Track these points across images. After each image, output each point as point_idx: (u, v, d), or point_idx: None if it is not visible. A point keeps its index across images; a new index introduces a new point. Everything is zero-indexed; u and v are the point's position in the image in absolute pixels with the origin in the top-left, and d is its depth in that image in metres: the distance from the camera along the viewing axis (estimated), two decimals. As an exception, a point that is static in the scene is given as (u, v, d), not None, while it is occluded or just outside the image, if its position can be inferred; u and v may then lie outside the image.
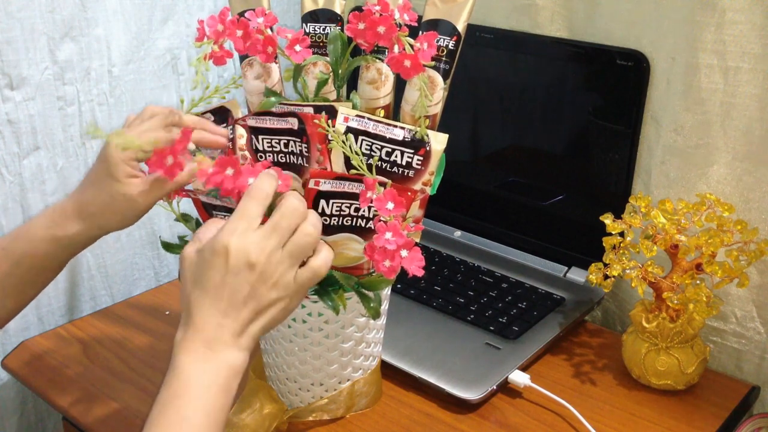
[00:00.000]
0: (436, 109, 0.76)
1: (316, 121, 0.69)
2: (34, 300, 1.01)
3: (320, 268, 0.62)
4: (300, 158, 0.74)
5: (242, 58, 0.78)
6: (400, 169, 0.72)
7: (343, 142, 0.67)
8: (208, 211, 0.71)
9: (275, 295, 0.60)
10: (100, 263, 1.08)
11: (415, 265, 0.63)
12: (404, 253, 0.62)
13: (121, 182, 0.70)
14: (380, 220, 0.63)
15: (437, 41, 0.73)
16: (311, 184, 0.67)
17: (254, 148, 0.75)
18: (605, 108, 1.00)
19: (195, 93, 0.72)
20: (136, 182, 0.70)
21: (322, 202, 0.68)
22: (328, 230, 0.69)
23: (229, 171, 0.62)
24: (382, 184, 0.65)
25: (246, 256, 0.58)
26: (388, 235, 0.62)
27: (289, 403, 0.82)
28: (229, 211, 0.69)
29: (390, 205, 0.63)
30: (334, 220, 0.69)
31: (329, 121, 0.68)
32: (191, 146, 0.72)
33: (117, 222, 0.72)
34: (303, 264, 0.62)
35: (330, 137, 0.69)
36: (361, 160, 0.66)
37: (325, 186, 0.67)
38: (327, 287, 0.74)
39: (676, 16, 0.90)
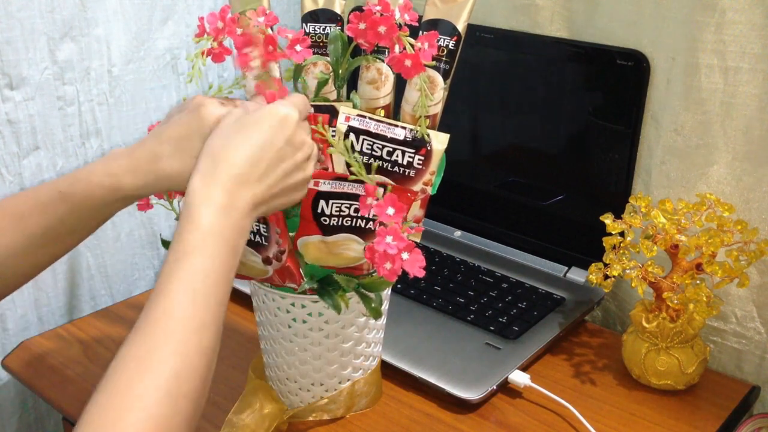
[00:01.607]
0: (437, 109, 0.76)
1: (314, 126, 0.69)
2: (33, 299, 1.02)
3: (305, 178, 0.65)
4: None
5: (242, 57, 0.78)
6: (401, 169, 0.72)
7: (345, 148, 0.67)
8: None
9: (293, 183, 0.63)
10: (100, 263, 1.08)
11: (416, 267, 0.63)
12: (405, 255, 0.62)
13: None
14: (381, 224, 0.63)
15: (437, 41, 0.73)
16: (311, 185, 0.67)
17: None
18: (605, 108, 1.00)
19: (194, 92, 0.72)
20: None
21: (322, 203, 0.68)
22: (328, 230, 0.70)
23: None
24: (382, 185, 0.65)
25: (303, 137, 0.62)
26: (389, 239, 0.62)
27: (289, 403, 0.82)
28: None
29: (390, 211, 0.63)
30: (334, 220, 0.69)
31: (325, 126, 0.68)
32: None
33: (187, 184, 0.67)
34: None
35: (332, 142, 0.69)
36: (361, 167, 0.66)
37: (325, 186, 0.67)
38: (327, 287, 0.74)
39: (676, 16, 0.90)
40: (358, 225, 0.70)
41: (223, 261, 0.57)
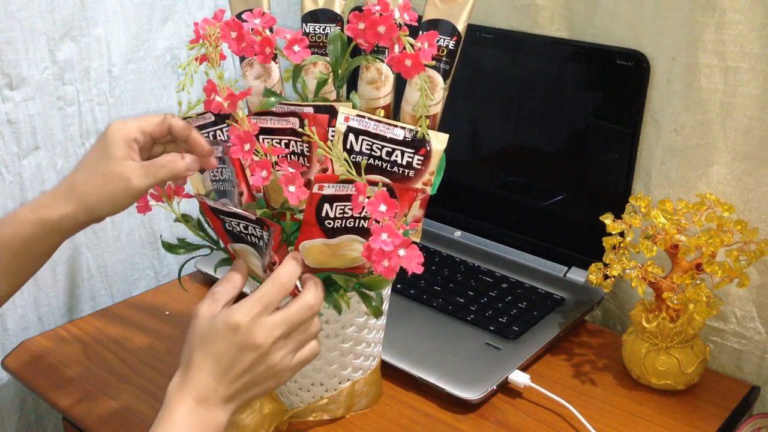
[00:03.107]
0: (437, 109, 0.76)
1: (300, 129, 0.69)
2: (33, 299, 1.02)
3: (309, 356, 0.69)
4: (301, 158, 0.74)
5: (242, 58, 0.78)
6: (401, 169, 0.72)
7: (328, 147, 0.67)
8: (216, 215, 0.71)
9: (270, 374, 0.66)
10: (100, 263, 1.09)
11: (413, 262, 0.62)
12: (402, 252, 0.62)
13: (118, 162, 0.68)
14: (375, 222, 0.63)
15: (437, 41, 0.73)
16: (315, 189, 0.67)
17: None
18: (605, 108, 1.00)
19: (194, 94, 0.72)
20: (132, 163, 0.69)
21: (326, 206, 0.68)
22: (331, 233, 0.70)
23: (246, 146, 0.68)
24: (374, 184, 0.65)
25: (254, 339, 0.64)
26: (384, 236, 0.62)
27: (289, 403, 0.82)
28: (235, 216, 0.69)
29: (383, 207, 0.63)
30: (338, 222, 0.69)
31: (312, 129, 0.68)
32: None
33: (107, 205, 0.70)
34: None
35: (330, 140, 0.69)
36: (350, 166, 0.65)
37: (329, 190, 0.67)
38: (328, 287, 0.74)
39: (676, 16, 0.90)
40: (360, 225, 0.70)
41: None
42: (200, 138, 0.72)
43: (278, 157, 0.70)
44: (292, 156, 0.75)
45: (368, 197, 0.64)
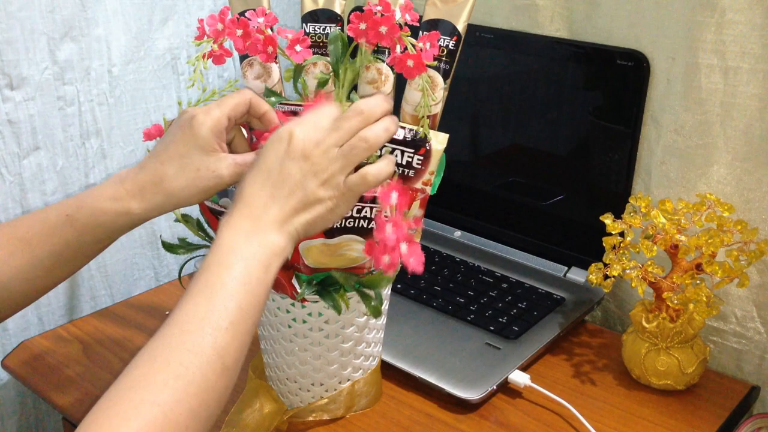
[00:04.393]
0: (437, 109, 0.76)
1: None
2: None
3: (370, 175, 0.63)
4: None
5: (242, 58, 0.78)
6: (401, 169, 0.72)
7: None
8: (215, 216, 0.71)
9: (323, 192, 0.61)
10: (100, 263, 1.08)
11: (414, 259, 0.62)
12: (404, 247, 0.62)
13: (211, 156, 0.66)
14: (382, 215, 0.63)
15: (437, 41, 0.73)
16: None
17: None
18: (605, 108, 1.00)
19: (193, 95, 0.72)
20: (225, 159, 0.66)
21: None
22: (331, 232, 0.70)
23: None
24: None
25: (303, 146, 0.60)
26: (388, 228, 0.62)
27: (289, 403, 0.82)
28: None
29: (394, 196, 0.63)
30: (338, 222, 0.69)
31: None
32: None
33: (196, 198, 0.68)
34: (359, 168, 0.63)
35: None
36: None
37: None
38: (328, 287, 0.74)
39: (676, 16, 0.90)
40: (360, 226, 0.70)
41: (245, 273, 0.58)
42: (273, 114, 0.70)
43: None
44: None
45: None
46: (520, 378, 0.86)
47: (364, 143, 0.62)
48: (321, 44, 0.79)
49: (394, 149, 0.72)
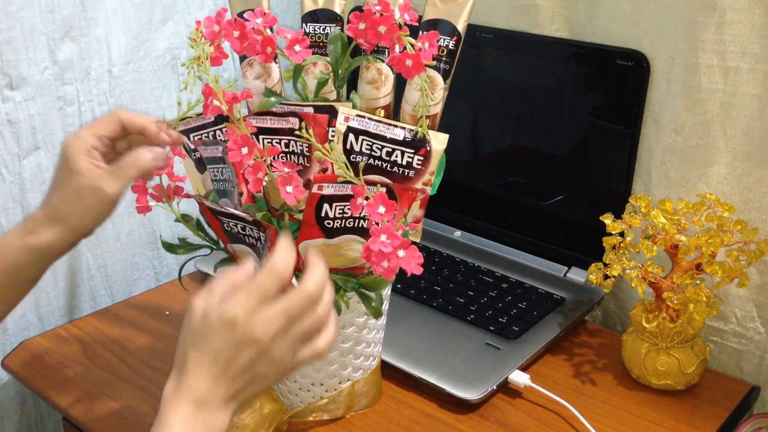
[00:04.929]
0: (436, 109, 0.76)
1: (298, 132, 0.69)
2: (33, 299, 1.02)
3: (323, 352, 0.62)
4: (301, 158, 0.74)
5: (242, 58, 0.78)
6: (401, 169, 0.72)
7: (326, 150, 0.67)
8: (215, 215, 0.71)
9: (272, 371, 0.60)
10: (100, 263, 1.08)
11: (413, 263, 0.62)
12: (401, 253, 0.62)
13: (84, 174, 0.68)
14: (374, 223, 0.63)
15: (437, 41, 0.73)
16: (315, 189, 0.67)
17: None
18: (605, 108, 1.00)
19: (193, 96, 0.72)
20: (99, 172, 0.68)
21: (326, 206, 0.68)
22: (331, 233, 0.70)
23: (244, 150, 0.68)
24: (373, 184, 0.65)
25: (252, 334, 0.58)
26: (383, 237, 0.62)
27: (289, 403, 0.82)
28: (233, 218, 0.69)
29: (381, 209, 0.63)
30: (337, 222, 0.69)
31: (310, 131, 0.68)
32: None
33: (90, 219, 0.69)
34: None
35: (330, 141, 0.69)
36: (348, 168, 0.65)
37: (329, 190, 0.67)
38: (327, 287, 0.74)
39: (676, 16, 0.90)
40: (360, 225, 0.70)
41: None
42: (152, 128, 0.70)
43: (273, 158, 0.69)
44: (293, 156, 0.75)
45: (367, 198, 0.64)
46: (520, 378, 0.86)
47: (318, 325, 0.61)
48: (321, 44, 0.79)
49: (394, 149, 0.72)
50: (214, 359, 0.59)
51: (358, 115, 0.72)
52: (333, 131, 0.73)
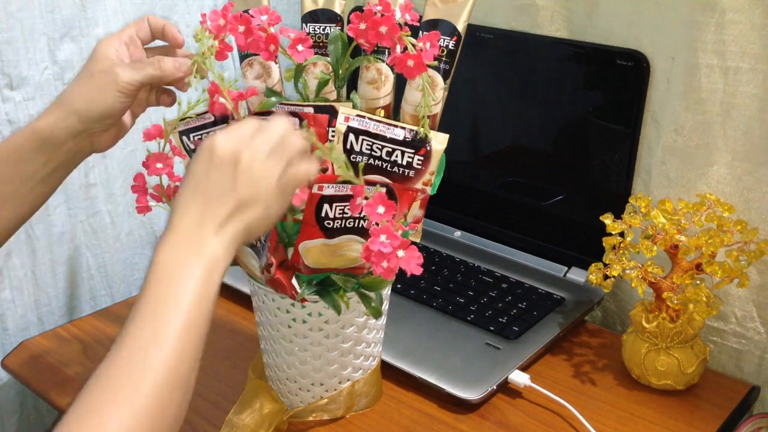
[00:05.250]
0: (437, 109, 0.76)
1: (303, 134, 0.68)
2: (33, 299, 1.02)
3: (301, 174, 0.62)
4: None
5: (242, 58, 0.78)
6: (401, 169, 0.72)
7: (327, 150, 0.67)
8: None
9: (255, 192, 0.59)
10: (100, 263, 1.08)
11: (413, 263, 0.62)
12: (401, 253, 0.62)
13: (104, 60, 0.71)
14: (373, 224, 0.63)
15: (437, 41, 0.73)
16: (315, 189, 0.67)
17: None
18: (605, 108, 1.00)
19: (193, 94, 0.72)
20: (119, 61, 0.72)
21: (326, 207, 0.68)
22: (331, 233, 0.70)
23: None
24: (373, 184, 0.65)
25: (229, 151, 0.59)
26: (383, 237, 0.62)
27: (289, 403, 0.82)
28: None
29: (381, 209, 0.63)
30: (337, 222, 0.69)
31: (311, 129, 0.68)
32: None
33: (96, 105, 0.70)
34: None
35: (330, 141, 0.69)
36: (348, 168, 0.65)
37: (329, 190, 0.67)
38: (328, 287, 0.74)
39: (676, 16, 0.90)
40: (360, 226, 0.70)
41: (192, 287, 0.57)
42: (172, 28, 0.75)
43: None
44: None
45: (366, 199, 0.64)
46: (520, 378, 0.86)
47: (296, 145, 0.62)
48: (321, 44, 0.79)
49: (394, 149, 0.72)
50: (194, 187, 0.59)
51: (358, 115, 0.72)
52: (333, 131, 0.73)
